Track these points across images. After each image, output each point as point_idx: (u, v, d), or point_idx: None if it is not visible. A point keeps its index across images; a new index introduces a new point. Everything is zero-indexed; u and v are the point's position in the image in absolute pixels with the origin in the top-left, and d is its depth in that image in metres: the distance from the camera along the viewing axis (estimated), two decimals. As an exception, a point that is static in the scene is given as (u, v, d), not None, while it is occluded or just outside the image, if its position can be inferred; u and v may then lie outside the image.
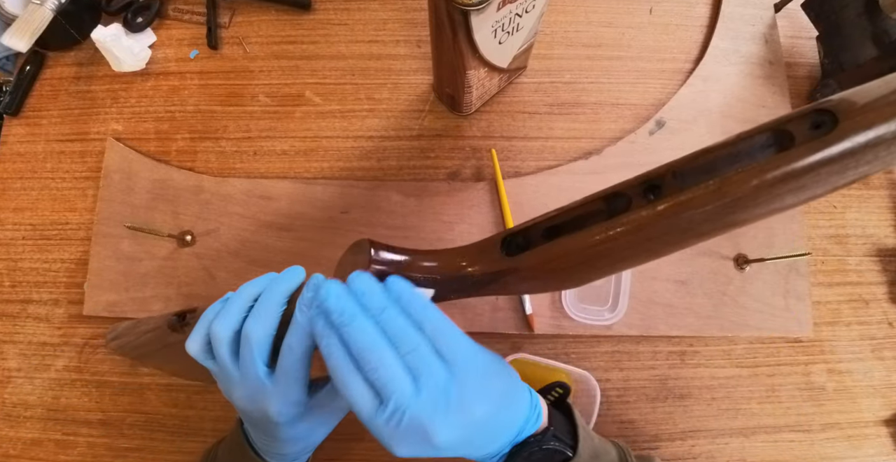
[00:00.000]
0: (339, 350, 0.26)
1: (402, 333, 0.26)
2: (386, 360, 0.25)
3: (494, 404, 0.27)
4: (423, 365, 0.25)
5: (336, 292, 0.26)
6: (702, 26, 0.57)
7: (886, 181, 0.54)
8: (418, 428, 0.25)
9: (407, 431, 0.25)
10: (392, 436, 0.25)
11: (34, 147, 0.55)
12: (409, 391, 0.25)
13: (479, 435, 0.27)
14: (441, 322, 0.27)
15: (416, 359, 0.25)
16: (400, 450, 0.25)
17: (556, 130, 0.54)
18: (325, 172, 0.54)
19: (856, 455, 0.48)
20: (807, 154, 0.22)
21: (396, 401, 0.25)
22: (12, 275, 0.52)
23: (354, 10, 0.57)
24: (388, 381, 0.25)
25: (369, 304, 0.26)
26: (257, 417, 0.31)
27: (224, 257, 0.51)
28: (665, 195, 0.25)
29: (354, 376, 0.26)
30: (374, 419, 0.25)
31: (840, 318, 0.51)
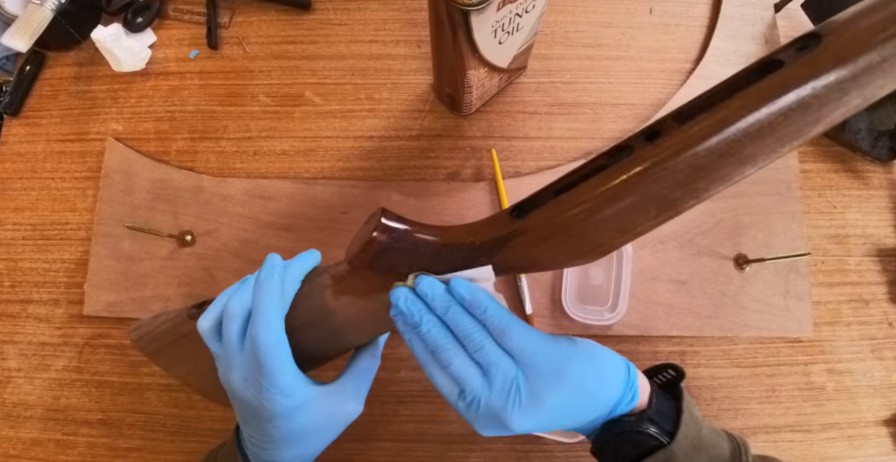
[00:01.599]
0: (420, 345, 0.29)
1: (467, 333, 0.28)
2: (455, 357, 0.28)
3: (569, 391, 0.28)
4: (490, 361, 0.28)
5: (403, 296, 0.29)
6: (702, 26, 0.57)
7: (886, 181, 0.54)
8: (494, 416, 0.27)
9: (485, 418, 0.28)
10: (473, 420, 0.28)
11: (34, 147, 0.55)
12: (479, 384, 0.28)
13: (556, 419, 0.29)
14: (503, 319, 0.28)
15: (482, 356, 0.28)
16: (483, 431, 0.28)
17: (556, 130, 0.54)
18: (325, 172, 0.54)
19: (856, 455, 0.48)
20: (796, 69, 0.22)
21: (471, 393, 0.28)
22: (12, 275, 0.52)
23: (354, 10, 0.57)
24: (459, 375, 0.28)
25: (433, 304, 0.29)
26: (253, 405, 0.30)
27: (224, 257, 0.51)
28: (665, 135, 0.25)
29: (435, 368, 0.29)
30: (457, 405, 0.28)
31: (840, 318, 0.51)
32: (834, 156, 0.54)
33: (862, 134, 0.52)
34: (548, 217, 0.28)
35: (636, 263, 0.50)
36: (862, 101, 0.23)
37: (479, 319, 0.28)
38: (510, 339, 0.28)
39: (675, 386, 0.34)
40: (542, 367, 0.28)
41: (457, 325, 0.28)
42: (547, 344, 0.29)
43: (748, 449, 0.32)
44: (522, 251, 0.29)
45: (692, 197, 0.25)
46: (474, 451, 0.48)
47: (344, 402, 0.33)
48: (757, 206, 0.52)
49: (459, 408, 0.28)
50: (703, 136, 0.23)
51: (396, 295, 0.29)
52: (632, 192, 0.25)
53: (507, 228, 0.29)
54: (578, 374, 0.28)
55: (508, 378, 0.27)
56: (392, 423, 0.49)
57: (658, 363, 0.36)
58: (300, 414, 0.31)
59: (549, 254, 0.29)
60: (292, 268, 0.32)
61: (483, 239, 0.29)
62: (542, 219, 0.28)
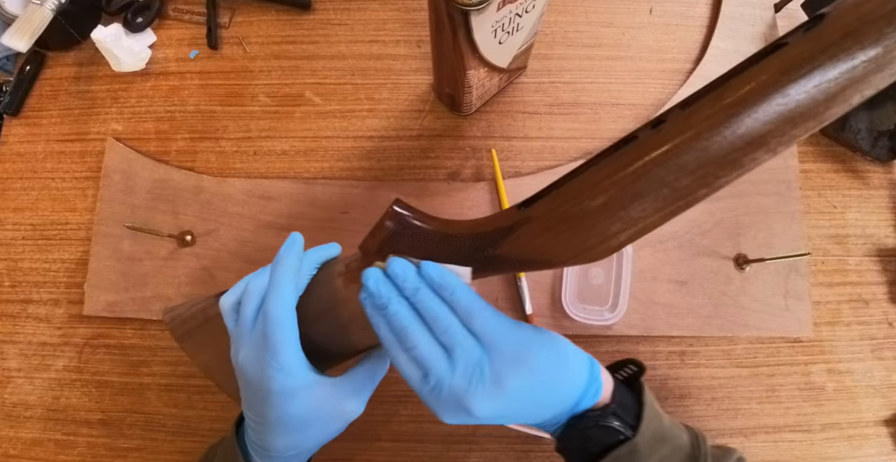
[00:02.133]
0: (385, 328, 0.29)
1: (435, 314, 0.28)
2: (420, 339, 0.28)
3: (533, 376, 0.28)
4: (455, 343, 0.27)
5: (374, 277, 0.29)
6: (702, 26, 0.57)
7: (886, 181, 0.54)
8: (457, 401, 0.27)
9: (448, 403, 0.27)
10: (436, 406, 0.28)
11: (34, 147, 0.55)
12: (444, 366, 0.27)
13: (520, 407, 0.29)
14: (471, 301, 0.28)
15: (448, 338, 0.28)
16: (446, 417, 0.28)
17: (556, 130, 0.54)
18: (325, 172, 0.54)
19: (856, 455, 0.48)
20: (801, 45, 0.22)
21: (435, 375, 0.27)
22: (12, 275, 0.52)
23: (354, 10, 0.57)
24: (424, 358, 0.27)
25: (403, 285, 0.28)
26: (253, 382, 0.30)
27: (224, 257, 0.51)
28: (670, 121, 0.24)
29: (399, 351, 0.28)
30: (421, 390, 0.28)
31: (840, 318, 0.51)
32: (834, 156, 0.54)
33: (862, 134, 0.52)
34: (553, 205, 0.27)
35: (636, 263, 0.50)
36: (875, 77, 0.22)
37: (447, 301, 0.28)
38: (476, 320, 0.28)
39: (636, 381, 0.34)
40: (507, 350, 0.28)
41: (425, 306, 0.28)
42: (513, 328, 0.29)
43: (705, 439, 0.33)
44: (526, 241, 0.28)
45: (701, 185, 0.24)
46: (474, 451, 0.48)
47: (343, 398, 0.32)
48: (757, 206, 0.52)
49: (423, 393, 0.28)
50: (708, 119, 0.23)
51: (367, 275, 0.29)
52: (637, 178, 0.25)
53: (513, 219, 0.29)
54: (543, 360, 0.28)
55: (472, 360, 0.27)
56: (392, 423, 0.49)
57: (619, 359, 0.37)
58: (296, 398, 0.30)
59: (553, 245, 0.28)
60: (312, 252, 0.33)
61: (488, 229, 0.29)
62: (547, 208, 0.28)
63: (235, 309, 0.33)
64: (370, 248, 0.31)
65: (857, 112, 0.52)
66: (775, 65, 0.22)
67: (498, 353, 0.28)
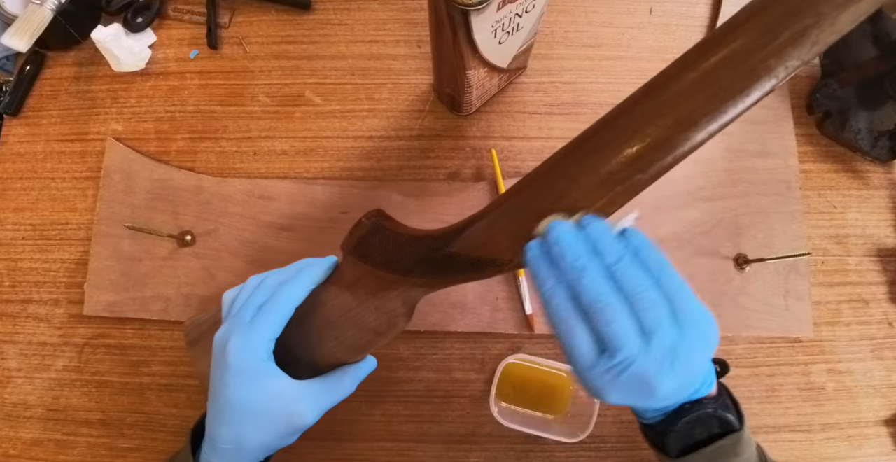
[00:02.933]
0: (565, 295, 0.26)
1: (641, 289, 0.25)
2: (620, 315, 0.25)
3: (703, 360, 0.26)
4: (656, 323, 0.25)
5: (571, 236, 0.26)
6: (702, 26, 0.57)
7: (886, 181, 0.54)
8: (641, 381, 0.25)
9: (627, 383, 0.25)
10: (608, 385, 0.25)
11: (34, 147, 0.55)
12: (637, 347, 0.24)
13: (689, 386, 0.27)
14: (678, 280, 0.26)
15: (650, 317, 0.25)
16: (612, 397, 0.26)
17: (556, 130, 0.54)
18: (325, 172, 0.54)
19: (856, 455, 0.48)
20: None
21: (624, 355, 0.24)
22: (12, 275, 0.52)
23: (354, 10, 0.57)
24: (618, 335, 0.24)
25: (604, 250, 0.26)
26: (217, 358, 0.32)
27: (224, 257, 0.51)
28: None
29: (579, 324, 0.25)
30: (594, 368, 0.25)
31: (840, 318, 0.51)
32: (834, 156, 0.54)
33: (862, 134, 0.52)
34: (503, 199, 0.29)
35: (636, 263, 0.50)
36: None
37: (653, 275, 0.26)
38: (682, 303, 0.26)
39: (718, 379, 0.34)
40: (700, 335, 0.26)
41: (630, 279, 0.25)
42: (699, 306, 0.27)
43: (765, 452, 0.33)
44: (478, 236, 0.29)
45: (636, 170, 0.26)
46: (474, 451, 0.48)
47: (296, 399, 0.31)
48: (757, 206, 0.52)
49: (594, 371, 0.25)
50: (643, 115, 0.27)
51: (559, 229, 0.26)
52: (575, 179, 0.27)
53: (470, 219, 0.30)
54: (711, 339, 0.27)
55: (668, 343, 0.25)
56: (392, 423, 0.49)
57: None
58: (247, 379, 0.30)
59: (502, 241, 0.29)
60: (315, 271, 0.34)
61: (446, 230, 0.31)
62: (499, 201, 0.29)
63: (232, 299, 0.34)
64: (346, 244, 0.33)
65: (858, 112, 0.52)
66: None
67: (693, 337, 0.25)
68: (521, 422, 0.45)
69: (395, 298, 0.32)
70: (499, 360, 0.48)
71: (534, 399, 0.48)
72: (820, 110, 0.54)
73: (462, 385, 0.49)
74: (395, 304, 0.32)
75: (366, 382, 0.49)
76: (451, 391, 0.49)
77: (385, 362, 0.49)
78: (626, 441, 0.48)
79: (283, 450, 0.48)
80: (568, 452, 0.48)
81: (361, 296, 0.32)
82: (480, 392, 0.49)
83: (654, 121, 0.26)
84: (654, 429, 0.31)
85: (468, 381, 0.49)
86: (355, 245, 0.32)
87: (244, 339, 0.30)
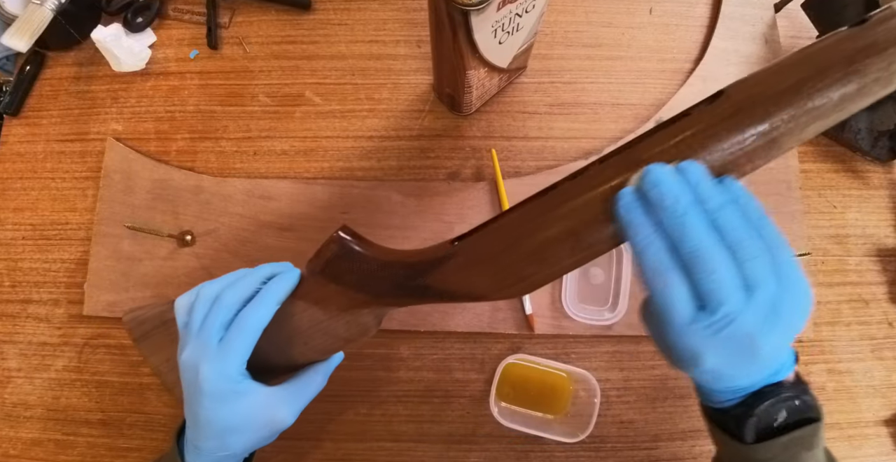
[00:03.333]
0: (662, 244, 0.24)
1: (744, 238, 0.24)
2: (723, 266, 0.23)
3: (804, 320, 0.25)
4: (759, 275, 0.23)
5: (672, 178, 0.24)
6: (702, 26, 0.57)
7: (886, 181, 0.54)
8: (744, 338, 0.23)
9: (728, 341, 0.23)
10: (708, 345, 0.24)
11: (34, 147, 0.55)
12: (741, 301, 0.23)
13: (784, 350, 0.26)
14: (778, 234, 0.25)
15: (753, 268, 0.23)
16: (709, 360, 0.24)
17: (556, 130, 0.54)
18: (325, 172, 0.54)
19: (856, 455, 0.48)
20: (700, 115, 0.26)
21: (727, 309, 0.23)
22: (12, 275, 0.52)
23: (354, 10, 0.57)
24: (720, 287, 0.23)
25: (706, 196, 0.24)
26: (190, 382, 0.31)
27: (224, 257, 0.51)
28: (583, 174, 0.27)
29: (677, 276, 0.24)
30: (692, 324, 0.24)
31: (840, 318, 0.51)
32: (834, 156, 0.54)
33: (862, 134, 0.52)
34: (476, 244, 0.29)
35: (636, 263, 0.50)
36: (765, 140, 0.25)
37: (755, 225, 0.24)
38: (783, 256, 0.24)
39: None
40: (798, 292, 0.25)
41: (733, 227, 0.24)
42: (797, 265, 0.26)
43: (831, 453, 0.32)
44: (452, 275, 0.29)
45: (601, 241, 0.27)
46: (474, 451, 0.48)
47: (275, 406, 0.32)
48: (757, 206, 0.52)
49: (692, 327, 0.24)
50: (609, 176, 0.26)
51: (659, 171, 0.24)
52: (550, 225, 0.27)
53: (443, 252, 0.30)
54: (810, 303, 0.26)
55: (770, 297, 0.24)
56: (392, 423, 0.49)
57: None
58: (226, 402, 0.30)
59: (475, 280, 0.29)
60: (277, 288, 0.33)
61: (421, 259, 0.30)
62: (471, 246, 0.29)
63: (188, 310, 0.32)
64: (313, 267, 0.32)
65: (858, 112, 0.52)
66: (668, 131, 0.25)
67: (793, 293, 0.24)
68: (521, 422, 0.45)
69: (366, 314, 0.32)
70: (499, 360, 0.48)
71: (534, 399, 0.48)
72: (820, 110, 0.54)
73: (462, 385, 0.49)
74: (367, 318, 0.32)
75: (366, 382, 0.49)
76: (451, 391, 0.49)
77: (385, 362, 0.49)
78: (627, 441, 0.48)
79: (284, 451, 0.48)
80: (568, 452, 0.48)
81: (332, 311, 0.32)
82: (480, 392, 0.49)
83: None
84: (730, 413, 0.28)
85: (468, 381, 0.49)
86: (324, 267, 0.32)
87: (217, 366, 0.30)
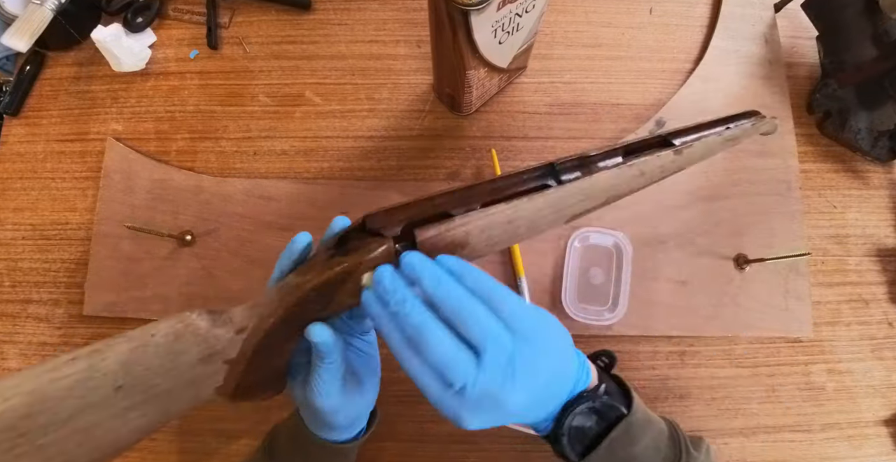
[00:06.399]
0: (398, 333, 0.26)
1: (461, 305, 0.25)
2: (443, 341, 0.25)
3: (556, 363, 0.27)
4: (483, 339, 0.25)
5: (389, 272, 0.26)
6: (702, 26, 0.57)
7: (886, 181, 0.54)
8: (489, 398, 0.25)
9: (478, 403, 0.25)
10: (462, 409, 0.25)
11: (34, 147, 0.55)
12: (472, 369, 0.25)
13: (545, 394, 0.27)
14: (496, 287, 0.26)
15: (478, 330, 0.25)
16: (471, 422, 0.25)
17: (556, 130, 0.54)
18: (325, 172, 0.54)
19: (856, 455, 0.48)
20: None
21: (463, 380, 0.24)
22: (12, 275, 0.52)
23: (354, 10, 0.57)
24: (445, 360, 0.25)
25: (421, 275, 0.26)
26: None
27: (224, 257, 0.51)
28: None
29: (414, 358, 0.26)
30: (442, 398, 0.25)
31: (840, 318, 0.51)
32: (834, 156, 0.54)
33: (862, 134, 0.52)
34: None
35: (636, 263, 0.50)
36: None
37: (472, 288, 0.26)
38: (505, 307, 0.26)
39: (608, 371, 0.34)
40: (533, 336, 0.26)
41: (447, 298, 0.25)
42: (538, 313, 0.28)
43: (679, 426, 0.33)
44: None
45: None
46: (474, 451, 0.48)
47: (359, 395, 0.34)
48: (757, 206, 0.52)
49: (446, 399, 0.25)
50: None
51: (380, 270, 0.27)
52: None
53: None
54: (560, 346, 0.28)
55: (506, 352, 0.25)
56: (392, 423, 0.48)
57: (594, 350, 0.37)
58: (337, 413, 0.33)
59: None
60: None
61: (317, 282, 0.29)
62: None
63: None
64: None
65: (858, 112, 0.52)
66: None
67: (527, 340, 0.25)
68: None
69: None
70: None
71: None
72: (820, 110, 0.54)
73: (462, 385, 0.49)
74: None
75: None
76: (451, 391, 0.49)
77: (385, 363, 0.49)
78: (626, 441, 0.48)
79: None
80: (568, 452, 0.48)
81: None
82: (480, 392, 0.49)
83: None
84: (551, 436, 0.30)
85: (468, 381, 0.49)
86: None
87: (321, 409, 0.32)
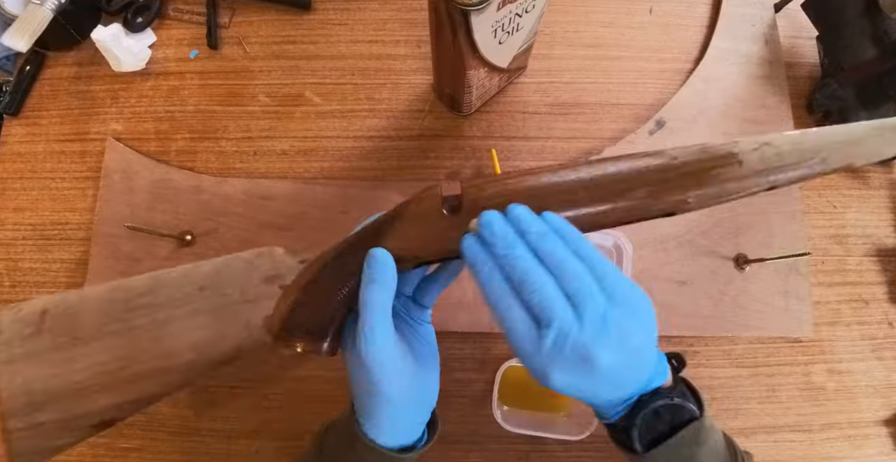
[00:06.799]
0: (499, 277, 0.26)
1: (563, 260, 0.26)
2: (547, 284, 0.25)
3: (644, 334, 0.27)
4: (583, 292, 0.25)
5: (499, 218, 0.27)
6: (702, 26, 0.57)
7: (886, 181, 0.54)
8: (580, 352, 0.25)
9: (568, 356, 0.25)
10: (551, 362, 0.25)
11: (34, 147, 0.55)
12: (570, 316, 0.25)
13: (633, 361, 0.27)
14: (597, 253, 0.27)
15: (577, 286, 0.25)
16: (556, 376, 0.25)
17: (556, 130, 0.54)
18: (325, 172, 0.54)
19: (856, 455, 0.48)
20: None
21: (559, 326, 0.25)
22: (12, 275, 0.52)
23: (354, 10, 0.57)
24: (548, 304, 0.25)
25: (529, 228, 0.27)
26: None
27: (224, 257, 0.51)
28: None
29: (514, 301, 0.26)
30: (533, 346, 0.25)
31: (840, 318, 0.51)
32: (834, 156, 0.54)
33: (862, 134, 0.52)
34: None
35: (636, 263, 0.50)
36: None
37: (573, 248, 0.27)
38: (605, 272, 0.26)
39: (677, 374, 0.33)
40: (629, 305, 0.26)
41: (550, 250, 0.26)
42: (633, 285, 0.28)
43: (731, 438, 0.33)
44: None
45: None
46: (474, 451, 0.48)
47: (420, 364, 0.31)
48: (757, 206, 0.52)
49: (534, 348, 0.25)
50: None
51: (489, 215, 0.27)
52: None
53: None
54: (650, 324, 0.28)
55: (599, 311, 0.25)
56: (392, 423, 0.48)
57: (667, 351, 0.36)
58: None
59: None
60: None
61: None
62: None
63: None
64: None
65: (858, 112, 0.52)
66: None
67: (621, 305, 0.26)
68: (525, 424, 0.45)
69: None
70: (499, 360, 0.48)
71: (536, 400, 0.48)
72: (820, 110, 0.54)
73: (462, 385, 0.49)
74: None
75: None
76: (451, 391, 0.49)
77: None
78: (626, 441, 0.48)
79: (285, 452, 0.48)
80: (569, 452, 0.48)
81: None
82: (481, 392, 0.49)
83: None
84: (617, 427, 0.31)
85: (468, 381, 0.49)
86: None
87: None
